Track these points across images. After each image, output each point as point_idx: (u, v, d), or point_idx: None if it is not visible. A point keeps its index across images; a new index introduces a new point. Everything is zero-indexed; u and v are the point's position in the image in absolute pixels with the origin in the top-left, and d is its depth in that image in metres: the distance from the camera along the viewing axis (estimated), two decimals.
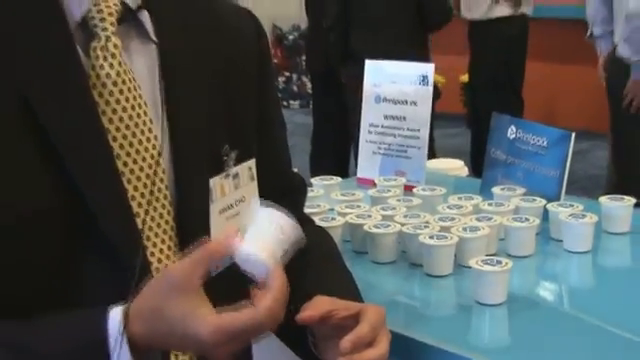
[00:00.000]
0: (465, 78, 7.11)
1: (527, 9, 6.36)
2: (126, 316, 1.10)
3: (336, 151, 6.52)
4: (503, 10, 6.28)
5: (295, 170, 1.75)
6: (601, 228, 2.28)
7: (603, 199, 2.36)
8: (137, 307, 1.12)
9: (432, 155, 3.78)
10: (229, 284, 1.15)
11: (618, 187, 5.19)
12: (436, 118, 2.67)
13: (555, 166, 2.39)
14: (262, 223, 1.15)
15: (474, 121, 6.78)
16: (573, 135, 2.39)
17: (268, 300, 1.09)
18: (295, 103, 9.56)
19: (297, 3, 9.61)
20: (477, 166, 6.29)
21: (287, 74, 9.96)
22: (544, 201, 2.32)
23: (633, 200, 2.34)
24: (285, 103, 9.71)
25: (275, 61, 10.00)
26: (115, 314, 1.11)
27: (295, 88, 9.41)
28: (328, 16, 5.83)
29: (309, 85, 9.27)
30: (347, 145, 6.33)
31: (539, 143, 2.44)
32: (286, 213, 1.19)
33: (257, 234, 1.13)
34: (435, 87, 2.78)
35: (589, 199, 2.53)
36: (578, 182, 2.30)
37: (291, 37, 9.93)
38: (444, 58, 5.84)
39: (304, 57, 9.36)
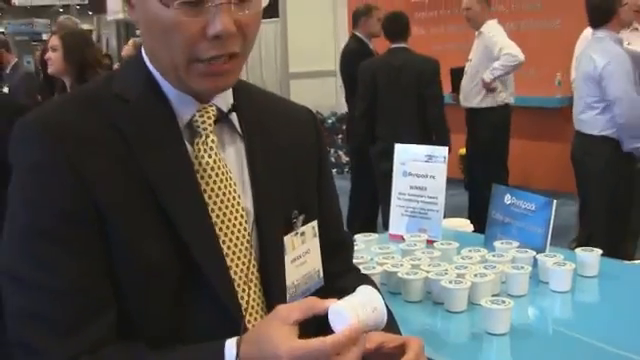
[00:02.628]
0: (463, 151, 7.06)
1: (510, 99, 6.34)
2: (239, 343, 1.10)
3: (367, 208, 6.51)
4: (491, 100, 6.26)
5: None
6: (577, 273, 2.27)
7: (578, 250, 2.37)
8: (248, 334, 1.12)
9: None
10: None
11: (582, 235, 5.19)
12: None
13: (541, 225, 2.39)
14: (364, 297, 1.13)
15: (470, 185, 6.74)
16: (555, 201, 2.39)
17: (337, 337, 1.07)
18: (333, 171, 9.55)
19: (334, 95, 9.66)
20: (473, 219, 6.23)
21: (326, 149, 9.97)
22: (533, 252, 2.32)
23: (600, 251, 2.34)
24: None
25: None
26: (231, 343, 1.11)
27: (333, 159, 9.41)
28: (358, 110, 5.86)
29: (344, 157, 9.31)
30: (376, 203, 6.31)
31: (529, 207, 2.44)
32: (382, 301, 1.16)
33: (355, 301, 1.12)
34: None
35: (567, 250, 2.53)
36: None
37: (330, 120, 9.92)
38: None
39: (340, 136, 9.43)
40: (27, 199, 1.15)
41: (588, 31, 5.57)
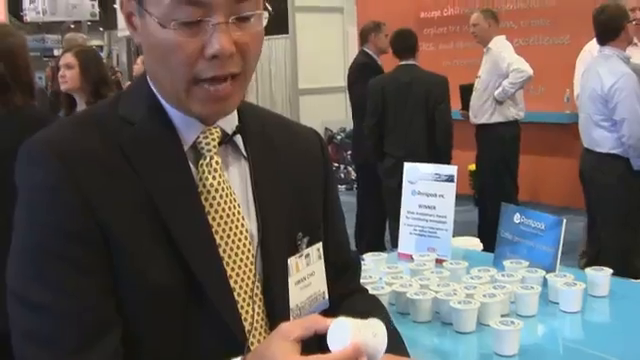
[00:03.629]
0: (473, 167, 7.06)
1: (519, 115, 6.34)
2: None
3: (374, 224, 6.51)
4: (501, 116, 6.26)
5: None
6: (587, 292, 2.26)
7: (588, 270, 2.35)
8: (252, 352, 1.12)
9: None
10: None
11: (591, 251, 5.17)
12: None
13: (551, 244, 2.38)
14: (367, 321, 1.12)
15: (480, 201, 6.73)
16: (565, 221, 2.38)
17: (335, 355, 1.04)
18: (342, 187, 9.52)
19: (343, 111, 9.67)
20: (483, 236, 6.23)
21: (336, 165, 9.95)
22: (543, 272, 2.31)
23: (610, 270, 2.33)
24: None
25: None
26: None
27: (342, 175, 9.41)
28: (367, 126, 5.87)
29: (353, 174, 9.31)
30: (383, 220, 6.30)
31: (538, 227, 2.43)
32: (384, 329, 1.14)
33: (357, 322, 1.11)
34: None
35: (577, 269, 2.52)
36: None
37: (339, 137, 9.94)
38: (457, 152, 5.81)
39: (349, 152, 9.43)
40: (32, 219, 1.16)
41: (590, 45, 5.59)
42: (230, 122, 1.30)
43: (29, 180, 1.17)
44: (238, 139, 1.31)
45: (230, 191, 1.26)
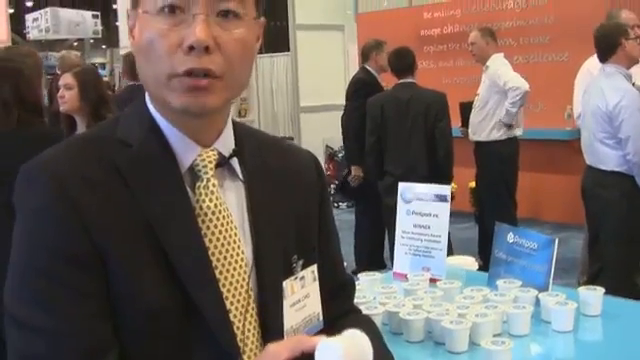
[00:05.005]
0: (473, 184, 7.07)
1: (518, 132, 6.36)
2: None
3: (373, 241, 6.53)
4: (500, 134, 6.29)
5: (345, 264, 1.75)
6: (580, 312, 2.28)
7: (581, 289, 2.37)
8: None
9: (449, 245, 3.71)
10: None
11: (593, 269, 5.17)
12: (451, 215, 2.67)
13: (543, 263, 2.40)
14: (352, 339, 1.14)
15: (480, 218, 6.74)
16: (557, 240, 2.40)
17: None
18: (343, 205, 9.53)
19: None
20: (483, 253, 6.25)
21: (337, 182, 9.95)
22: (536, 291, 2.33)
23: (602, 290, 2.35)
24: (335, 204, 9.67)
25: (328, 173, 10.01)
26: None
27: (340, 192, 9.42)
28: (367, 144, 5.92)
29: None
30: (383, 236, 6.32)
31: (531, 246, 2.45)
32: (369, 341, 1.16)
33: (341, 339, 1.12)
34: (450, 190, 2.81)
35: (570, 288, 2.53)
36: (559, 263, 2.30)
37: (340, 155, 9.95)
38: (457, 169, 5.84)
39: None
40: (29, 242, 1.17)
41: (589, 63, 5.61)
42: (227, 145, 1.31)
43: (26, 203, 1.19)
44: (235, 162, 1.32)
45: (227, 213, 1.27)
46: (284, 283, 1.32)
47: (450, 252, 3.23)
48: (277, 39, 14.35)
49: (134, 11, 1.24)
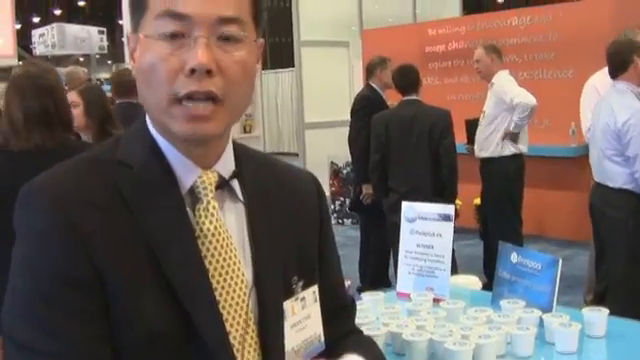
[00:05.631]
0: (478, 201, 7.07)
1: (524, 149, 6.36)
2: None
3: (378, 259, 6.52)
4: (506, 150, 6.29)
5: (348, 282, 1.72)
6: (584, 333, 2.27)
7: (585, 310, 2.36)
8: None
9: (453, 262, 3.70)
10: None
11: (599, 287, 5.15)
12: (455, 232, 2.67)
13: (547, 284, 2.39)
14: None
15: (485, 234, 6.73)
16: (560, 260, 2.40)
17: None
18: (347, 221, 9.53)
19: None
20: (487, 269, 6.24)
21: (341, 199, 9.96)
22: (540, 312, 2.32)
23: (607, 311, 2.34)
24: (340, 221, 9.67)
25: (332, 189, 10.02)
26: None
27: (348, 209, 9.41)
28: (371, 162, 5.93)
29: None
30: (387, 254, 6.32)
31: (535, 266, 2.45)
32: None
33: None
34: (454, 208, 2.81)
35: (575, 308, 2.52)
36: (565, 281, 2.28)
37: (345, 171, 9.96)
38: (462, 186, 5.83)
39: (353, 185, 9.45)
40: (29, 264, 1.17)
41: (594, 79, 5.61)
42: (227, 166, 1.31)
43: (25, 225, 1.19)
44: (235, 183, 1.32)
45: (227, 235, 1.27)
46: (285, 304, 1.32)
47: (454, 270, 3.22)
48: (282, 55, 14.40)
49: (135, 35, 1.25)
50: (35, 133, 2.90)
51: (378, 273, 6.45)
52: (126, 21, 14.31)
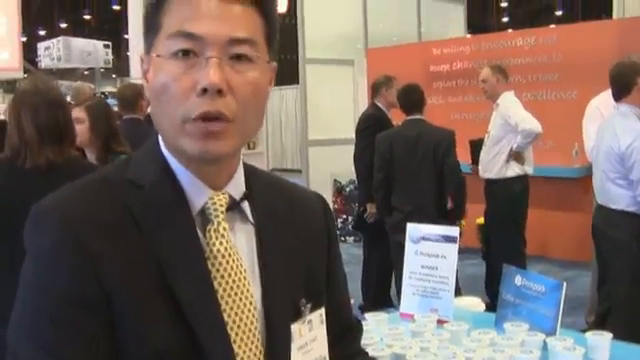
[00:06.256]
0: (481, 221, 7.06)
1: (529, 170, 6.36)
2: None
3: (380, 278, 6.52)
4: (510, 171, 6.29)
5: (352, 300, 1.74)
6: (588, 357, 2.26)
7: (588, 334, 2.36)
8: None
9: (456, 283, 3.68)
10: None
11: (601, 309, 5.15)
12: (458, 251, 2.68)
13: (551, 307, 2.40)
14: None
15: (488, 254, 6.73)
16: (565, 284, 2.40)
17: None
18: (350, 239, 9.53)
19: (352, 162, 9.73)
20: (490, 290, 6.24)
21: (344, 216, 9.97)
22: (543, 335, 2.32)
23: (610, 335, 2.34)
24: (343, 239, 9.66)
25: (335, 207, 10.02)
26: None
27: (350, 227, 9.41)
28: (375, 181, 5.94)
29: None
30: (390, 273, 6.32)
31: (539, 289, 2.46)
32: None
33: None
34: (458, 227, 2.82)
35: (577, 330, 2.52)
36: (567, 302, 2.27)
37: (348, 189, 9.98)
38: (466, 206, 5.86)
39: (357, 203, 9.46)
40: (37, 283, 1.17)
41: (597, 101, 5.63)
42: (238, 188, 1.32)
43: (35, 245, 1.19)
44: (245, 205, 1.32)
45: (237, 257, 1.27)
46: (292, 326, 1.32)
47: (457, 291, 3.23)
48: (286, 72, 14.44)
49: (147, 56, 1.26)
50: (47, 149, 2.93)
51: (380, 291, 6.45)
52: (132, 36, 14.36)
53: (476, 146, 6.65)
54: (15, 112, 3.04)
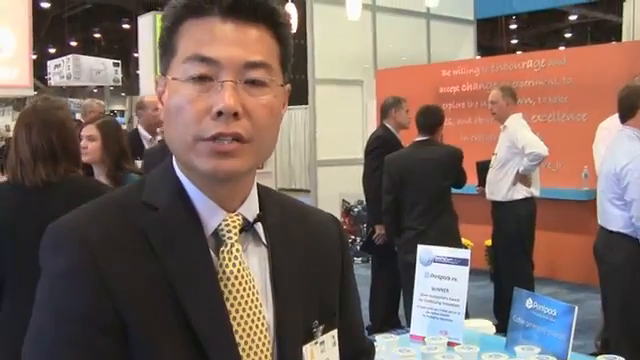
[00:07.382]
0: (489, 242, 7.06)
1: (536, 192, 6.36)
2: None
3: (388, 298, 6.51)
4: (517, 194, 6.29)
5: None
6: None
7: (600, 358, 2.35)
8: None
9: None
10: None
11: (606, 332, 5.11)
12: None
13: (563, 331, 2.39)
14: None
15: (496, 276, 6.72)
16: (576, 308, 2.40)
17: None
18: (358, 260, 9.51)
19: (361, 183, 9.74)
20: (498, 312, 6.22)
21: (352, 237, 9.96)
22: (555, 359, 2.31)
23: (622, 359, 2.33)
24: None
25: (344, 227, 9.99)
26: None
27: (358, 248, 9.39)
28: (384, 203, 5.94)
29: None
30: (398, 294, 6.30)
31: (550, 313, 2.45)
32: None
33: None
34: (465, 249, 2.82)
35: (587, 355, 2.51)
36: (576, 325, 2.26)
37: (356, 209, 9.98)
38: (473, 227, 5.88)
39: (365, 224, 9.45)
40: (52, 304, 1.18)
41: (607, 123, 5.63)
42: (251, 210, 1.32)
43: (51, 265, 1.20)
44: (259, 227, 1.32)
45: (249, 278, 1.27)
46: (304, 348, 1.32)
47: (466, 313, 3.22)
48: (295, 92, 14.49)
49: (163, 78, 1.27)
50: (39, 168, 2.95)
51: (388, 312, 6.44)
52: (142, 55, 14.42)
53: (483, 168, 6.65)
54: (14, 131, 3.11)
